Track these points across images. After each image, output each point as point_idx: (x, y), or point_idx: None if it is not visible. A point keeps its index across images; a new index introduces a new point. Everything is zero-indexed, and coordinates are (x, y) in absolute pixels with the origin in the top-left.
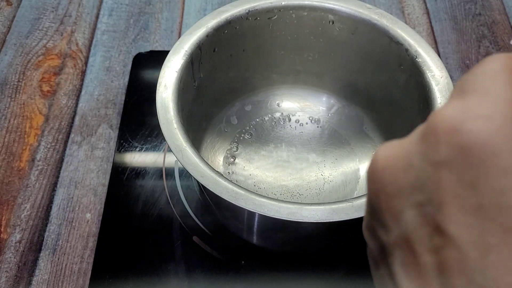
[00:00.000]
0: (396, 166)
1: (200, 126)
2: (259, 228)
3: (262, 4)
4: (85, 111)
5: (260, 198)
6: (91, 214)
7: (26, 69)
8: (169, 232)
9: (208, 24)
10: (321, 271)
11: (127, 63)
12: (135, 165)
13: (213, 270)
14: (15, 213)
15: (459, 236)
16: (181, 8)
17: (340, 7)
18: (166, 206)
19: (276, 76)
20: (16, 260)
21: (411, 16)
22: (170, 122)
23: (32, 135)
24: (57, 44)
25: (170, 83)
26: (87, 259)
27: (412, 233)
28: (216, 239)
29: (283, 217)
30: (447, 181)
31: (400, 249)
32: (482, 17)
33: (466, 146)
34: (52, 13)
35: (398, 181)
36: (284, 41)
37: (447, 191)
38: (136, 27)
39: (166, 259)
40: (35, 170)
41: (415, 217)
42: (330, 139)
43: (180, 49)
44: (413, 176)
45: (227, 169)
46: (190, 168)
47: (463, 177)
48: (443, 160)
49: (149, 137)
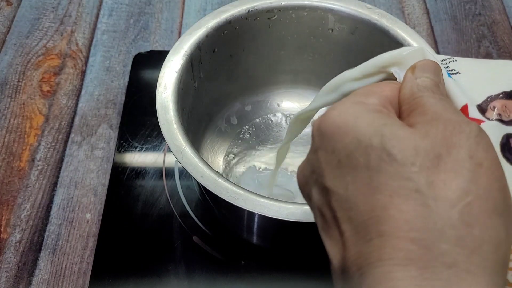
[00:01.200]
0: (301, 166)
1: (200, 126)
2: (259, 228)
3: (262, 4)
4: (85, 111)
5: (259, 199)
6: (91, 214)
7: (26, 69)
8: (169, 232)
9: (208, 24)
10: (321, 272)
11: (127, 63)
12: (135, 165)
13: (213, 270)
14: (15, 213)
15: (332, 185)
16: (181, 8)
17: (340, 7)
18: (166, 206)
19: (276, 76)
20: (16, 260)
21: (411, 16)
22: (170, 122)
23: (32, 135)
24: (57, 44)
25: (170, 83)
26: (87, 259)
27: (318, 202)
28: (216, 239)
29: (283, 217)
30: (322, 156)
31: (318, 219)
32: (482, 17)
33: (324, 130)
34: (52, 13)
35: (303, 174)
36: (284, 41)
37: (322, 162)
38: (136, 27)
39: (166, 259)
40: (35, 170)
41: (316, 191)
42: None
43: (180, 49)
44: (309, 166)
45: (227, 169)
46: (190, 168)
47: (327, 149)
48: (317, 146)
49: (149, 137)
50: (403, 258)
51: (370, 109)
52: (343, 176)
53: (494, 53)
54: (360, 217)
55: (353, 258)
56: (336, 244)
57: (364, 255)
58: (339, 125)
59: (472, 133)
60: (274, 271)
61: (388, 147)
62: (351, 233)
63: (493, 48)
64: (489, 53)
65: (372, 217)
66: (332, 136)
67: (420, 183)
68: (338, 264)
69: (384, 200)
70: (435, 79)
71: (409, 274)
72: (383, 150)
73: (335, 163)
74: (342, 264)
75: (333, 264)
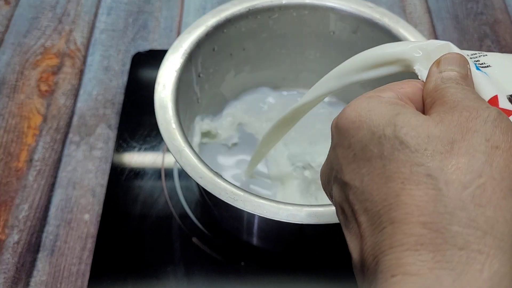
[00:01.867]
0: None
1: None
2: (258, 229)
3: (263, 3)
4: (84, 111)
5: (259, 200)
6: (89, 215)
7: (24, 68)
8: (168, 233)
9: (207, 22)
10: (321, 272)
11: (126, 62)
12: (134, 166)
13: (213, 271)
14: (13, 214)
15: (349, 179)
16: (180, 7)
17: (342, 6)
18: (165, 207)
19: (276, 75)
20: (14, 261)
21: (412, 15)
22: (169, 122)
23: (30, 135)
24: (56, 43)
25: (169, 82)
26: (85, 260)
27: (338, 199)
28: (215, 240)
29: (282, 218)
30: (339, 153)
31: (340, 216)
32: (484, 16)
33: (340, 127)
34: (50, 12)
35: (324, 174)
36: (285, 40)
37: (340, 158)
38: (135, 26)
39: (165, 260)
40: (33, 170)
41: (336, 188)
42: None
43: (179, 48)
44: (329, 164)
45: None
46: (189, 169)
47: (343, 145)
48: (335, 143)
49: (148, 137)
50: (414, 243)
51: (384, 101)
52: (359, 169)
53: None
54: (375, 207)
55: (369, 249)
56: (355, 238)
57: (378, 244)
58: (353, 120)
59: (490, 117)
60: (274, 272)
61: (401, 135)
62: (367, 224)
63: (495, 47)
64: (492, 52)
65: (385, 205)
66: (347, 131)
67: (432, 168)
68: (358, 258)
69: (397, 187)
70: (461, 71)
71: (420, 259)
72: (396, 138)
73: (351, 157)
74: (360, 257)
75: (353, 259)
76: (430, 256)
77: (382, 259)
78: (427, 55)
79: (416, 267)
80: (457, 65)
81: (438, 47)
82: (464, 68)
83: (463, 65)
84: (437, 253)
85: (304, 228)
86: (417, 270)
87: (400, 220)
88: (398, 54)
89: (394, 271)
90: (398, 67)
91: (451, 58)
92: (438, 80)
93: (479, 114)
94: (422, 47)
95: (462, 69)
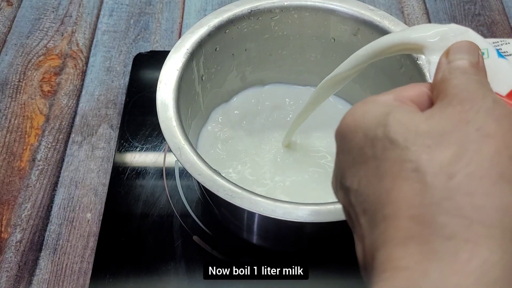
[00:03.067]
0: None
1: (200, 124)
2: (258, 228)
3: (265, 4)
4: (86, 111)
5: (256, 197)
6: (91, 214)
7: (27, 69)
8: (170, 232)
9: (210, 23)
10: (321, 272)
11: (128, 63)
12: (136, 165)
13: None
14: (15, 212)
15: (350, 183)
16: (181, 9)
17: (342, 8)
18: (166, 206)
19: (277, 76)
20: (17, 259)
21: (410, 16)
22: (170, 119)
23: (32, 135)
24: (58, 44)
25: (171, 81)
26: (87, 259)
27: (344, 204)
28: (216, 239)
29: (279, 216)
30: (341, 158)
31: (348, 220)
32: (482, 17)
33: (340, 134)
34: (52, 13)
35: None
36: (286, 41)
37: (342, 163)
38: (136, 27)
39: (167, 258)
40: (36, 170)
41: (341, 194)
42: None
43: (181, 47)
44: (335, 171)
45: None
46: (188, 166)
47: (344, 151)
48: (338, 150)
49: (149, 137)
50: (402, 237)
51: (378, 104)
52: (358, 172)
53: None
54: (371, 207)
55: (368, 248)
56: (360, 240)
57: (374, 242)
58: (349, 125)
59: (483, 107)
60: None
61: (391, 134)
62: (366, 225)
63: None
64: None
65: (378, 204)
66: (346, 136)
67: (419, 162)
68: (362, 259)
69: (388, 185)
70: (471, 59)
71: (409, 252)
72: (386, 138)
73: (351, 162)
74: (363, 258)
75: (359, 261)
76: (418, 249)
77: (376, 255)
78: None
79: (405, 261)
80: (466, 52)
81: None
82: (474, 56)
83: (472, 52)
84: (425, 245)
85: (304, 226)
86: (406, 264)
87: (391, 216)
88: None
89: (385, 266)
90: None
91: (460, 47)
92: (446, 71)
93: (472, 105)
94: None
95: (472, 57)
